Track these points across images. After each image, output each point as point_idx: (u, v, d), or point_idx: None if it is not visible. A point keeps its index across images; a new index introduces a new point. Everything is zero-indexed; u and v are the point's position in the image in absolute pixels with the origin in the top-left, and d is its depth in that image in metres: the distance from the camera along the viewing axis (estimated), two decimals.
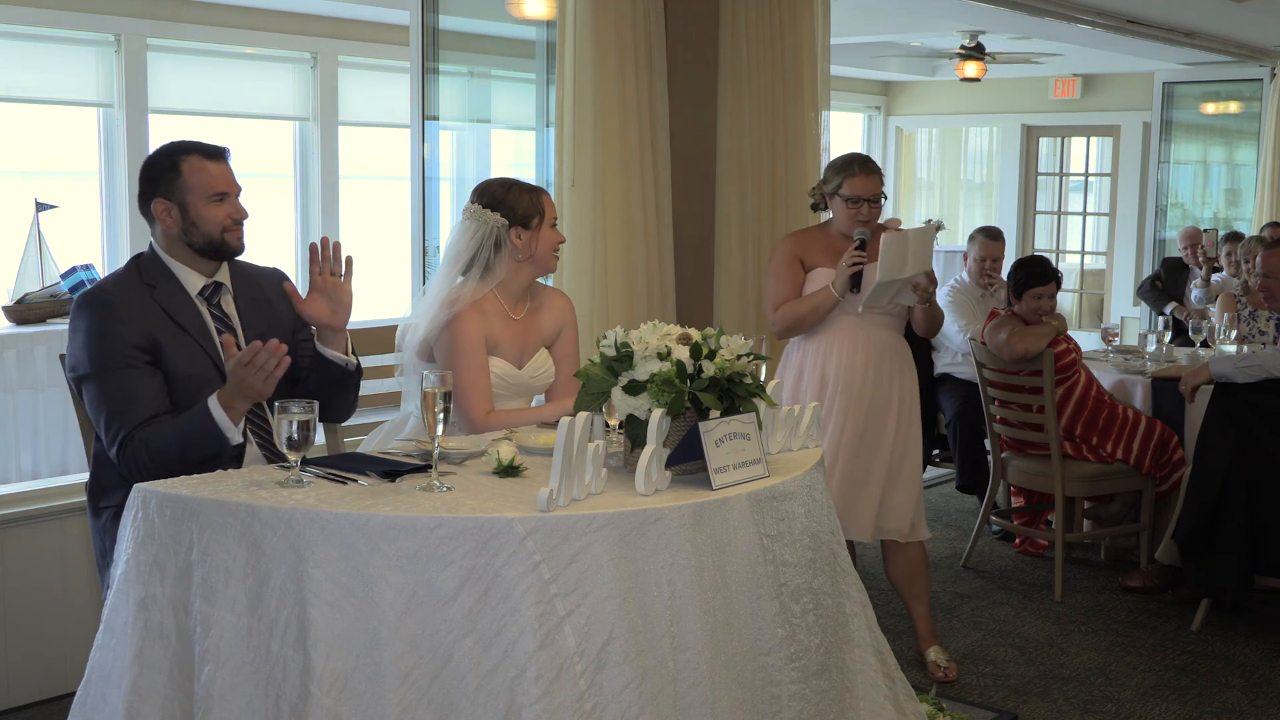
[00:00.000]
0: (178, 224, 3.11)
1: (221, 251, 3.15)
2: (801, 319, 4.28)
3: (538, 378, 3.63)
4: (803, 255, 4.33)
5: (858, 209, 4.24)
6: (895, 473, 4.29)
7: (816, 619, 2.89)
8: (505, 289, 3.57)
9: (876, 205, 4.28)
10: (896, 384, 4.30)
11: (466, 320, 3.46)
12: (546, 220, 3.58)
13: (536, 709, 2.37)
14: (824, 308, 4.24)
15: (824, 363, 4.29)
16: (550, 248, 3.60)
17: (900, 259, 4.09)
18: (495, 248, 3.53)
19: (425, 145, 5.18)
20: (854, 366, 4.25)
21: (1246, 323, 6.22)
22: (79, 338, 3.03)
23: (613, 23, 4.60)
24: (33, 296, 6.60)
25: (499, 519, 2.44)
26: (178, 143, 3.17)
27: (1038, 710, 4.14)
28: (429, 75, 5.17)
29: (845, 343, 4.27)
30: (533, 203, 3.56)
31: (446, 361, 3.46)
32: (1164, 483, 5.38)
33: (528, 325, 3.63)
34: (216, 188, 3.11)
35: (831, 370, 4.27)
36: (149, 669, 2.59)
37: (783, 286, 4.32)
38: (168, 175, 3.10)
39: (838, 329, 4.28)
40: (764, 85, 5.14)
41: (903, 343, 4.39)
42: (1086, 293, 13.31)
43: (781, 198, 5.21)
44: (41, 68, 7.82)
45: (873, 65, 11.91)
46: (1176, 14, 8.57)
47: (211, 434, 2.95)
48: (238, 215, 3.14)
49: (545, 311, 3.70)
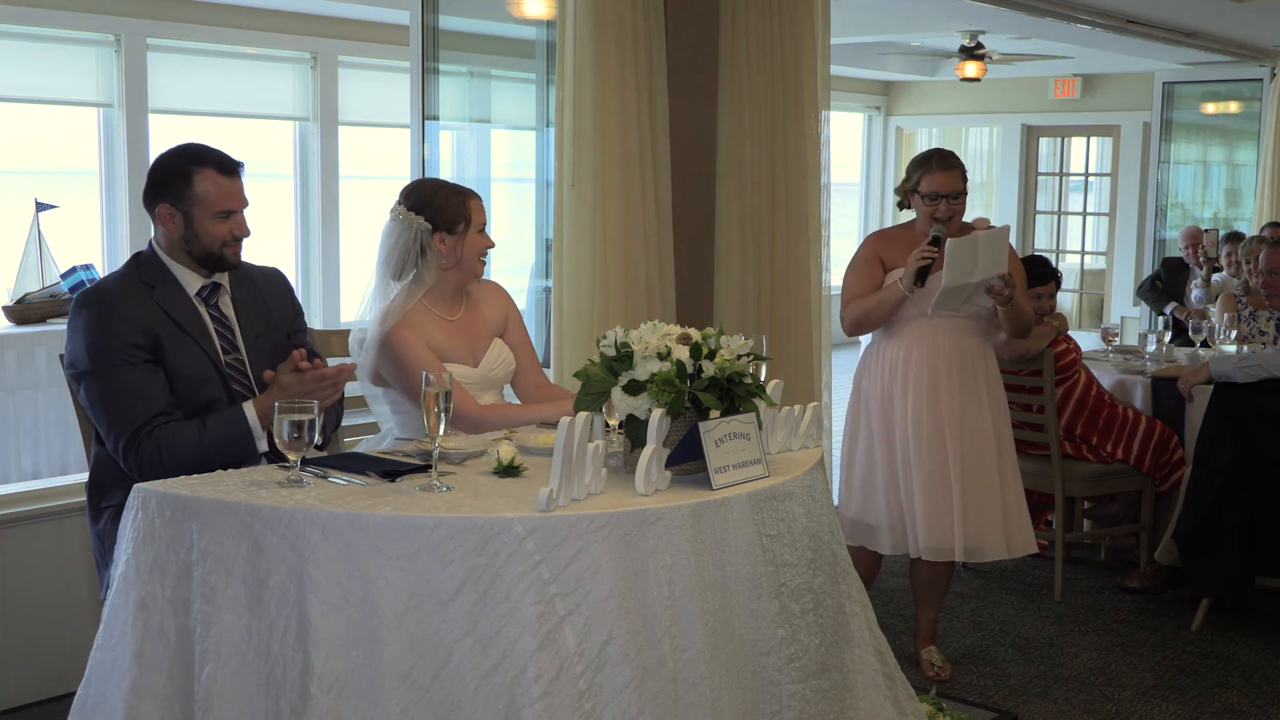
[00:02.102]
0: (180, 231, 3.11)
1: (218, 265, 3.17)
2: (868, 313, 4.23)
3: (497, 369, 3.58)
4: (884, 254, 4.28)
5: (935, 205, 4.18)
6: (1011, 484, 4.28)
7: (816, 619, 2.89)
8: (434, 295, 3.49)
9: (956, 201, 4.20)
10: (985, 389, 4.25)
11: (400, 336, 3.38)
12: (474, 226, 3.48)
13: (536, 709, 2.37)
14: (890, 303, 4.19)
15: (905, 365, 4.22)
16: (476, 253, 3.51)
17: (968, 262, 4.02)
18: (421, 253, 3.44)
19: (425, 145, 5.18)
20: (937, 372, 4.19)
21: (1246, 323, 6.22)
22: (78, 335, 3.03)
23: (613, 23, 4.59)
24: (33, 296, 6.61)
25: (499, 519, 2.44)
26: (195, 150, 3.15)
27: (1038, 710, 4.14)
28: (429, 75, 5.17)
29: (927, 345, 4.21)
30: (460, 207, 3.46)
31: (405, 387, 3.38)
32: (1164, 483, 5.38)
33: (469, 322, 3.56)
34: (225, 205, 3.11)
35: (913, 374, 4.21)
36: (149, 669, 2.59)
37: (859, 283, 4.27)
38: (178, 183, 3.10)
39: (918, 330, 4.21)
40: (764, 85, 5.13)
41: (988, 347, 4.32)
42: (1086, 293, 13.31)
43: (781, 198, 5.20)
44: (41, 68, 7.83)
45: (873, 65, 11.91)
46: (1176, 14, 8.57)
47: (242, 439, 2.98)
48: (239, 233, 3.15)
49: (483, 304, 3.62)
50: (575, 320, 4.65)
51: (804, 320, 5.25)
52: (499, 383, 3.61)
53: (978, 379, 4.26)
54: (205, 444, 2.97)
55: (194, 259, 3.14)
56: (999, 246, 4.11)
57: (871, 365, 4.34)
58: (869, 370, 4.35)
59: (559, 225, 4.66)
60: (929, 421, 4.20)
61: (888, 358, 4.28)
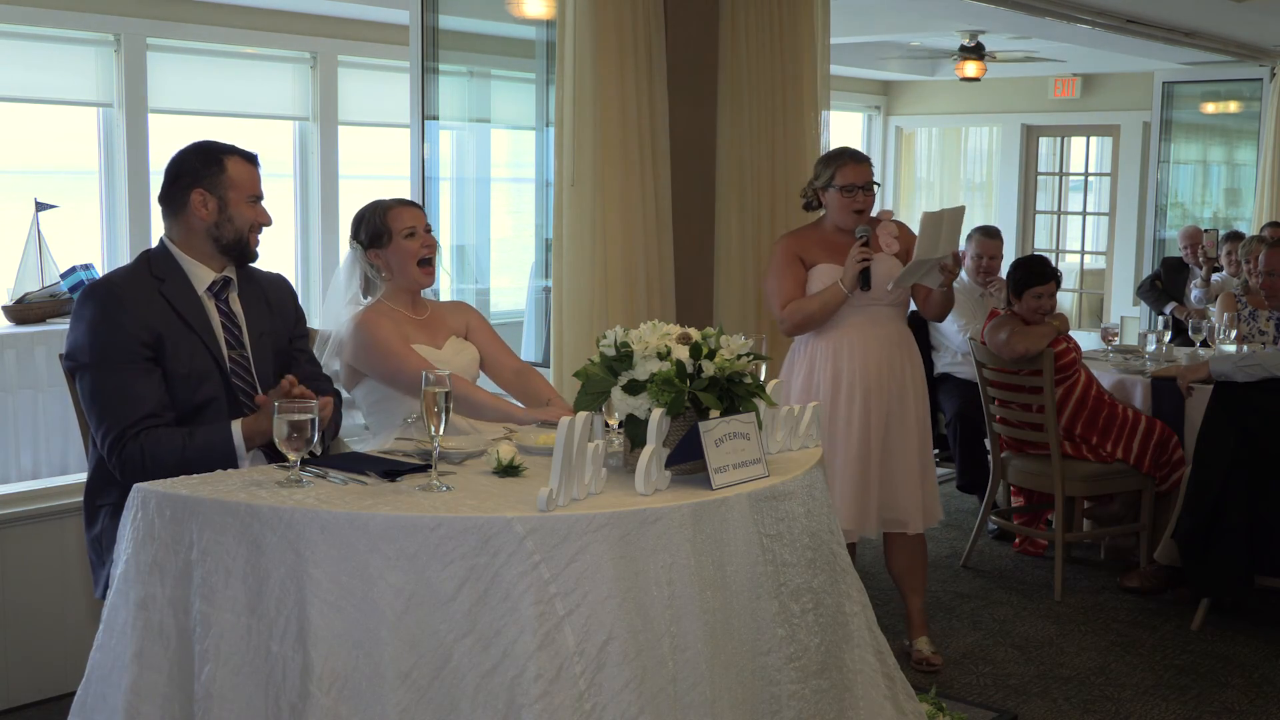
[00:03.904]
0: (212, 217, 3.15)
1: (244, 252, 3.21)
2: (811, 315, 4.29)
3: (460, 355, 3.68)
4: (802, 253, 4.34)
5: (852, 197, 4.26)
6: (926, 460, 4.37)
7: (816, 619, 2.89)
8: (394, 299, 3.65)
9: (870, 193, 4.30)
10: (910, 375, 4.35)
11: (368, 320, 3.54)
12: (397, 234, 3.61)
13: (536, 709, 2.37)
14: (834, 304, 4.26)
15: (835, 359, 4.31)
16: (409, 259, 3.61)
17: (936, 238, 4.11)
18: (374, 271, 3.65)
19: (425, 145, 5.18)
20: (868, 362, 4.28)
21: (1246, 322, 6.22)
22: (82, 326, 3.04)
23: (613, 23, 4.60)
24: (32, 296, 6.61)
25: (499, 519, 2.44)
26: (217, 142, 3.23)
27: (1038, 710, 4.14)
28: (429, 75, 5.17)
29: (857, 339, 4.29)
30: (380, 222, 3.62)
31: (377, 366, 3.51)
32: (1164, 482, 5.38)
33: (432, 320, 3.70)
34: (255, 190, 3.21)
35: (844, 365, 4.30)
36: (148, 669, 2.59)
37: (786, 285, 4.32)
38: (212, 169, 3.16)
39: (847, 325, 4.30)
40: (764, 85, 5.14)
41: (909, 333, 4.43)
42: (1086, 292, 13.31)
43: (781, 197, 5.21)
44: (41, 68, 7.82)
45: (873, 65, 11.91)
46: (1176, 14, 8.57)
47: (225, 455, 3.00)
48: (264, 219, 3.23)
49: (446, 315, 3.78)
50: (575, 320, 4.65)
51: None
52: (463, 370, 3.67)
53: (904, 365, 4.35)
54: (188, 454, 2.99)
55: (221, 247, 3.17)
56: (957, 226, 4.21)
57: (801, 362, 4.41)
58: (799, 367, 4.42)
59: (559, 225, 4.66)
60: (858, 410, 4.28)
61: (820, 353, 4.35)
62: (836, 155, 4.33)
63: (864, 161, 4.31)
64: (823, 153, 5.34)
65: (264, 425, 3.01)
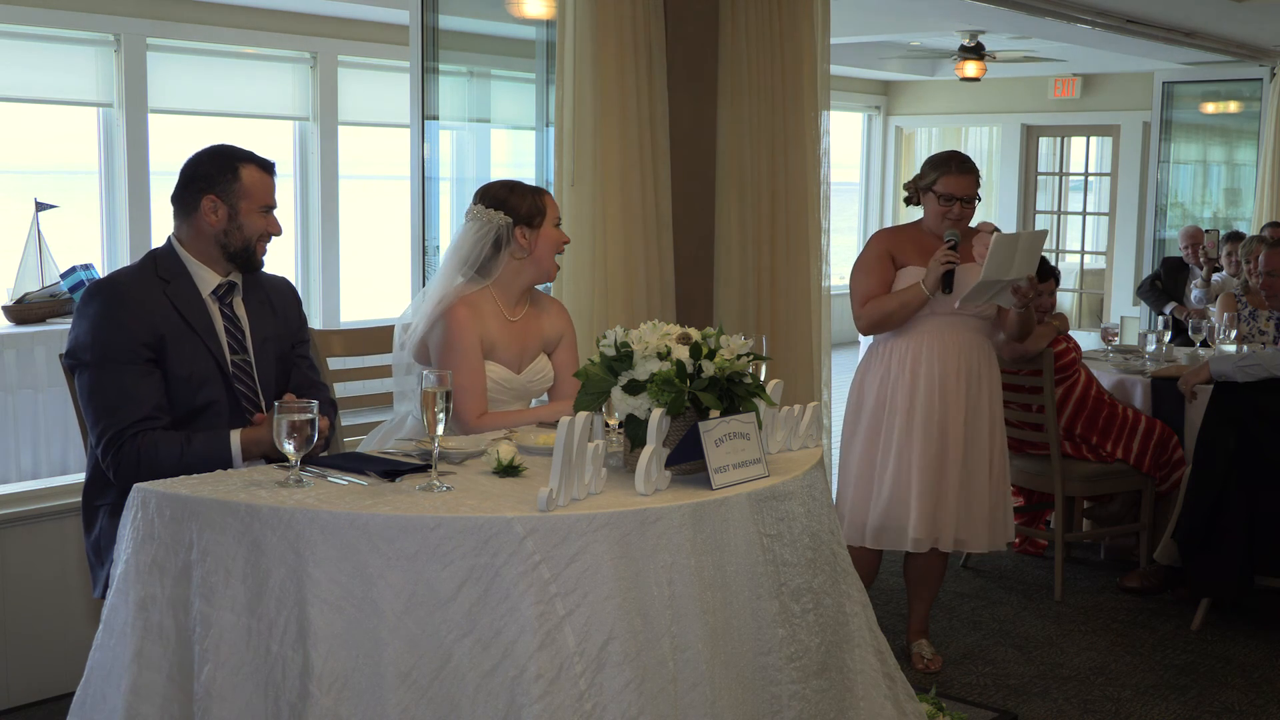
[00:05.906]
0: (221, 224, 3.14)
1: (250, 261, 3.20)
2: (890, 314, 4.24)
3: (536, 382, 3.62)
4: (894, 251, 4.29)
5: (949, 207, 4.22)
6: (1000, 478, 4.33)
7: (816, 619, 2.89)
8: (503, 289, 3.56)
9: (969, 206, 4.25)
10: (987, 388, 4.29)
11: (459, 316, 3.44)
12: (549, 220, 3.58)
13: (536, 709, 2.37)
14: (914, 304, 4.20)
15: (914, 362, 4.25)
16: (552, 246, 3.58)
17: (1007, 260, 4.06)
18: (495, 247, 3.52)
19: (425, 145, 5.18)
20: (947, 368, 4.23)
21: (1246, 322, 6.22)
22: (85, 324, 3.04)
23: (613, 23, 4.60)
24: (32, 296, 6.61)
25: (499, 519, 2.44)
26: (234, 148, 3.21)
27: (1038, 710, 4.14)
28: (429, 75, 5.17)
29: (936, 344, 4.24)
30: (535, 203, 3.56)
31: (440, 360, 3.44)
32: (1164, 482, 5.38)
33: (526, 327, 3.60)
34: (268, 200, 3.20)
35: (923, 369, 4.24)
36: (148, 669, 2.59)
37: (872, 282, 4.27)
38: (226, 176, 3.14)
39: (929, 330, 4.25)
40: (764, 85, 5.14)
41: (990, 347, 4.37)
42: (1086, 292, 13.32)
43: (781, 197, 5.21)
44: (41, 68, 7.83)
45: (873, 65, 11.92)
46: (1176, 14, 8.58)
47: (222, 464, 3.00)
48: (274, 230, 3.22)
49: (545, 317, 3.68)
50: (575, 320, 4.64)
51: (804, 320, 5.25)
52: (533, 394, 3.65)
53: (982, 377, 4.29)
54: (185, 460, 2.98)
55: (228, 254, 3.17)
56: (1035, 250, 4.15)
57: (878, 363, 4.35)
58: (875, 367, 4.36)
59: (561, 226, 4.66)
60: (936, 416, 4.23)
61: (897, 354, 4.30)
62: (944, 161, 4.28)
63: (970, 173, 4.25)
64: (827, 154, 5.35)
65: (263, 436, 3.01)
